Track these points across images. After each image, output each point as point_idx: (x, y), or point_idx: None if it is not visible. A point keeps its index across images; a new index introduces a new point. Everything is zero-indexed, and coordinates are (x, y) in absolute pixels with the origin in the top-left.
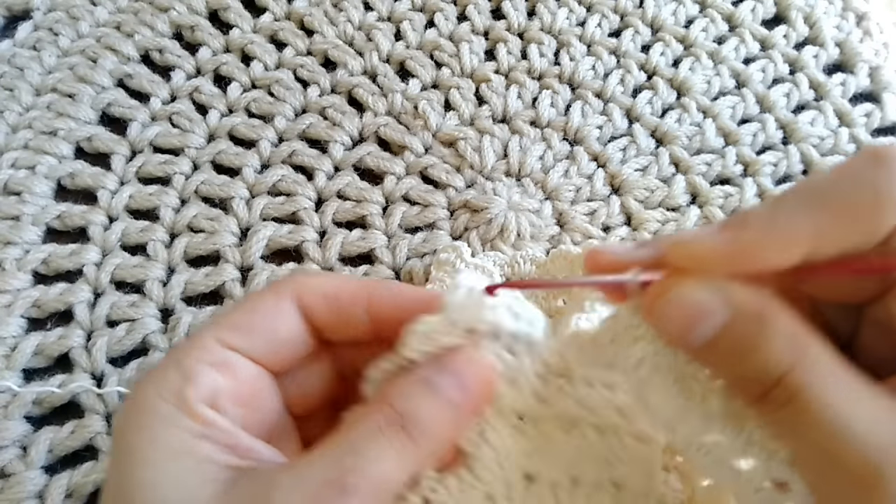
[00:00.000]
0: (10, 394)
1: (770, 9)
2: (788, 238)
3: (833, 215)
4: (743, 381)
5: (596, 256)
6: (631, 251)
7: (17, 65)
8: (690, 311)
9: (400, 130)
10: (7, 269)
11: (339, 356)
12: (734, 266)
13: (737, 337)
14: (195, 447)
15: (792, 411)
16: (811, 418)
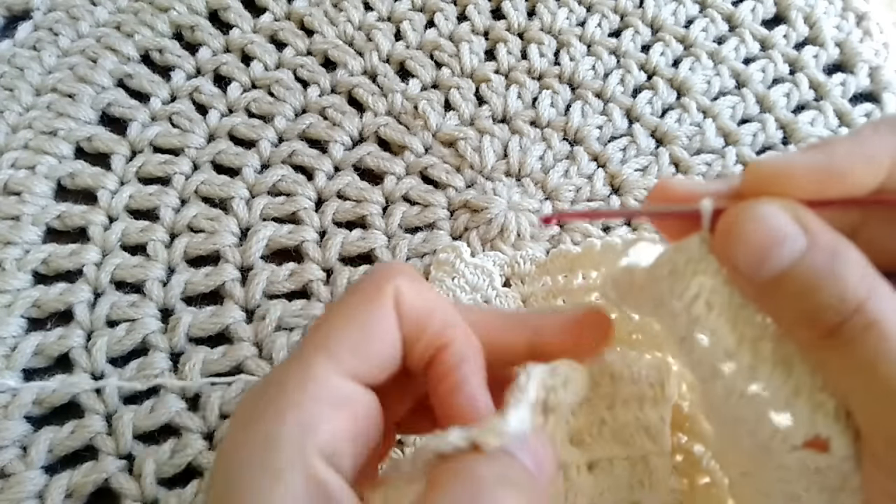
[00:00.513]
0: (11, 394)
1: (770, 9)
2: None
3: None
4: (814, 313)
5: (666, 188)
6: (702, 184)
7: (17, 65)
8: (771, 234)
9: (400, 130)
10: (7, 269)
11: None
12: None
13: (816, 265)
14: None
15: (864, 343)
16: (885, 348)
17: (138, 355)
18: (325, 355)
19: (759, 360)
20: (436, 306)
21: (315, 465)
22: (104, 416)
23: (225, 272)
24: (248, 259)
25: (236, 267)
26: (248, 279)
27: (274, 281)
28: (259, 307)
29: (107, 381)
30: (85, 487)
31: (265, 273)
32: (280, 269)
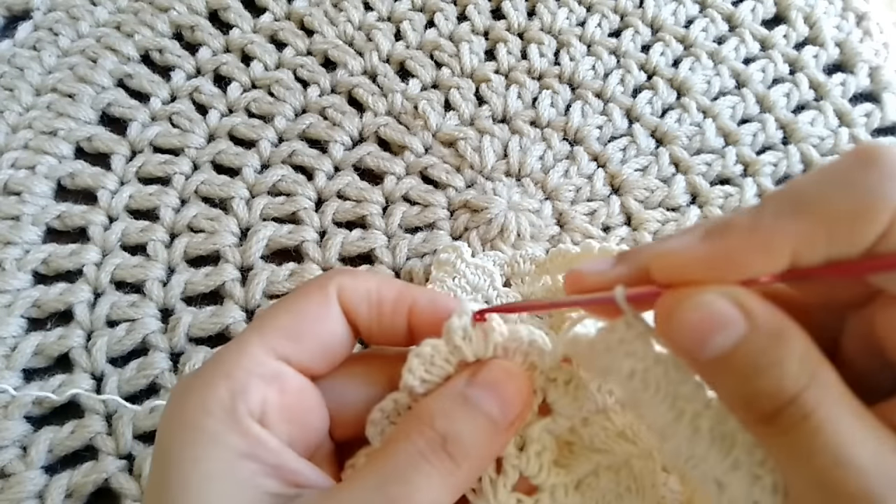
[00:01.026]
0: (10, 395)
1: (770, 9)
2: (772, 245)
3: (819, 221)
4: (752, 398)
5: (576, 279)
6: (609, 269)
7: (17, 65)
8: (710, 320)
9: (400, 130)
10: (7, 269)
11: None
12: (718, 275)
13: (755, 351)
14: (239, 469)
15: (799, 433)
16: (819, 442)
17: (138, 355)
18: (259, 336)
19: (698, 437)
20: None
21: (248, 423)
22: (104, 416)
23: (225, 272)
24: (248, 259)
25: (236, 267)
26: (248, 279)
27: (274, 281)
28: (259, 307)
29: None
30: (85, 487)
31: (265, 273)
32: (280, 269)
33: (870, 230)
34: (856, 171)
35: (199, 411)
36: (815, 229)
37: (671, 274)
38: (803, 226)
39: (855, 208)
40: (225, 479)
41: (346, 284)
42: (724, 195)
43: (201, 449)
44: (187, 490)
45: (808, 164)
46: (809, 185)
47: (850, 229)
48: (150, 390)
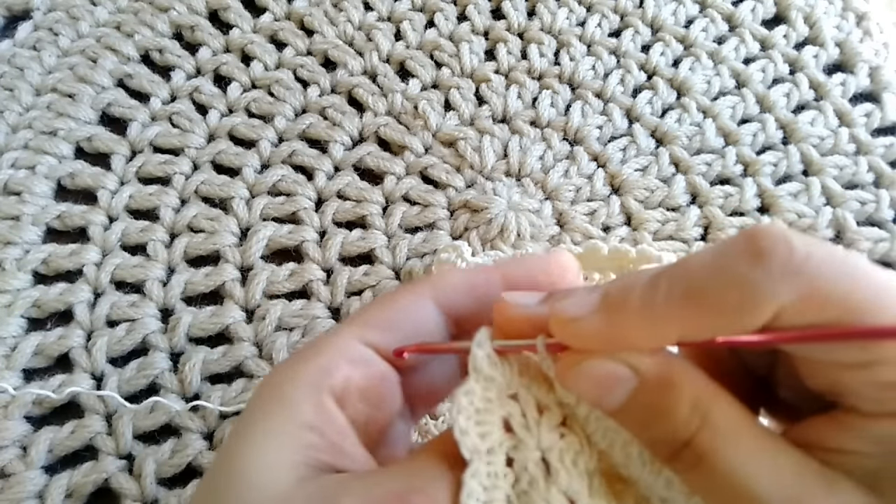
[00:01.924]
0: (10, 394)
1: (770, 9)
2: (661, 327)
3: (705, 310)
4: (654, 442)
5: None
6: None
7: (17, 65)
8: (600, 381)
9: (400, 130)
10: (7, 269)
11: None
12: (612, 348)
13: (645, 402)
14: (301, 435)
15: (701, 472)
16: (718, 479)
17: (138, 355)
18: (351, 325)
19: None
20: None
21: (325, 399)
22: (104, 416)
23: (225, 272)
24: (248, 259)
25: (236, 267)
26: (248, 279)
27: (274, 281)
28: (259, 307)
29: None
30: (85, 487)
31: (265, 273)
32: (280, 269)
33: (751, 322)
34: (744, 265)
35: (286, 380)
36: (701, 316)
37: (569, 341)
38: (690, 312)
39: (739, 303)
40: (285, 440)
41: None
42: (724, 195)
43: (276, 409)
44: (249, 439)
45: (808, 164)
46: (699, 270)
47: (733, 320)
48: (150, 390)
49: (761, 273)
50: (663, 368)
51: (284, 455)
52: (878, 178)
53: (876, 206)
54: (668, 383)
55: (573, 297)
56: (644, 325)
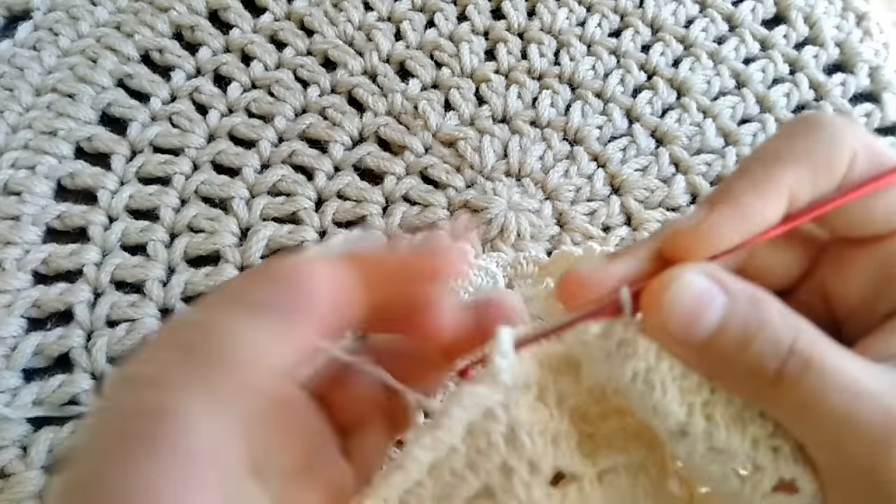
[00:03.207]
0: (10, 394)
1: (770, 9)
2: (773, 190)
3: (804, 165)
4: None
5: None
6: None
7: (17, 65)
8: (695, 299)
9: (400, 130)
10: (7, 269)
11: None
12: (742, 228)
13: (742, 318)
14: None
15: (808, 382)
16: (828, 382)
17: None
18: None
19: (713, 426)
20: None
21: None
22: None
23: (225, 272)
24: (248, 259)
25: (236, 267)
26: None
27: None
28: None
29: None
30: None
31: None
32: None
33: (841, 166)
34: (818, 128)
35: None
36: (806, 172)
37: (692, 245)
38: (797, 169)
39: (829, 152)
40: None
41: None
42: None
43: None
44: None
45: None
46: (780, 142)
47: (828, 168)
48: None
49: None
50: (745, 282)
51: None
52: None
53: None
54: (755, 296)
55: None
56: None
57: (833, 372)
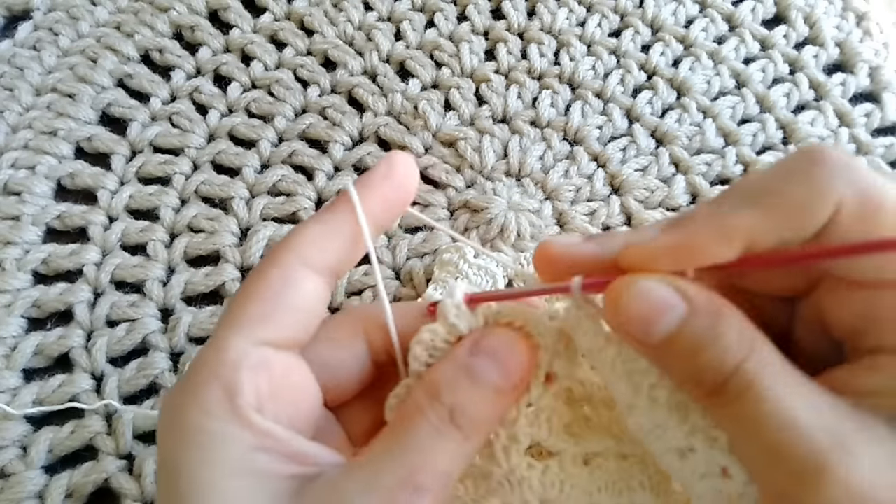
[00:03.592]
0: (11, 394)
1: (770, 9)
2: (729, 232)
3: (772, 210)
4: (699, 374)
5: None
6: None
7: (17, 65)
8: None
9: (400, 130)
10: (7, 269)
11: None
12: (682, 261)
13: (696, 330)
14: (253, 462)
15: (744, 403)
16: (763, 409)
17: (138, 355)
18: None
19: (656, 407)
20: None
21: (251, 416)
22: (104, 416)
23: (225, 272)
24: (248, 259)
25: (236, 267)
26: None
27: None
28: None
29: (103, 401)
30: (85, 487)
31: None
32: None
33: (817, 218)
34: (805, 167)
35: (199, 415)
36: (769, 217)
37: (636, 263)
38: (758, 213)
39: (804, 199)
40: (242, 474)
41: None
42: None
43: (211, 451)
44: (204, 491)
45: None
46: (763, 178)
47: (800, 217)
48: (150, 390)
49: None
50: (712, 296)
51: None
52: None
53: None
54: (717, 310)
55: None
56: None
57: (772, 400)
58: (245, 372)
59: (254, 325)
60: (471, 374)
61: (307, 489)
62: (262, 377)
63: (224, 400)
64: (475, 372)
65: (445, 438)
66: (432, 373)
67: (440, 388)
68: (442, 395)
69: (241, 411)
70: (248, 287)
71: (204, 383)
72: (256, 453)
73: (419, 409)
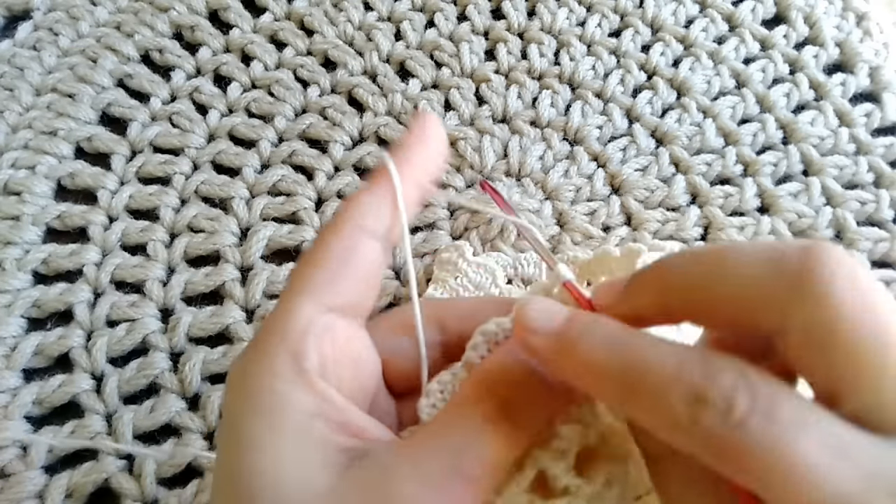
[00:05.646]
0: (10, 394)
1: (770, 9)
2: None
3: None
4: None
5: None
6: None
7: (17, 65)
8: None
9: (400, 130)
10: (7, 269)
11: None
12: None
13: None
14: (312, 428)
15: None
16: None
17: (138, 355)
18: (301, 294)
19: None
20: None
21: (315, 381)
22: (104, 416)
23: (225, 272)
24: (248, 259)
25: (236, 267)
26: (248, 279)
27: (274, 281)
28: (259, 307)
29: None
30: (85, 487)
31: (265, 273)
32: (280, 268)
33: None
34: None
35: (268, 377)
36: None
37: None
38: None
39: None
40: (299, 438)
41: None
42: (724, 195)
43: (274, 413)
44: (264, 453)
45: (808, 164)
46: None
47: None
48: (150, 390)
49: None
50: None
51: (307, 456)
52: (878, 178)
53: (876, 206)
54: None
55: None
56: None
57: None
58: (312, 337)
59: (319, 290)
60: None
61: (356, 465)
62: (326, 342)
63: (292, 364)
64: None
65: (496, 430)
66: (487, 365)
67: (496, 381)
68: (497, 387)
69: (306, 375)
70: (311, 256)
71: (273, 348)
72: (315, 419)
73: (472, 399)
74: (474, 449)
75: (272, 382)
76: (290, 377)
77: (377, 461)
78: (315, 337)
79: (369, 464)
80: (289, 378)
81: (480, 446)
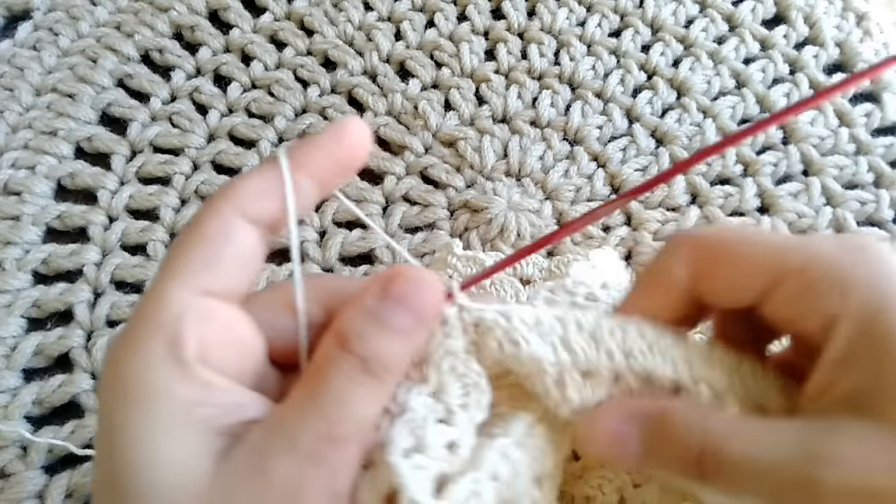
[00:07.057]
0: (10, 394)
1: (770, 9)
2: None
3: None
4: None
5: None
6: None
7: (17, 65)
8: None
9: (400, 130)
10: (7, 269)
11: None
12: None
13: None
14: (191, 415)
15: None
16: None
17: None
18: (175, 278)
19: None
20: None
21: (193, 369)
22: None
23: None
24: None
25: None
26: None
27: (274, 281)
28: None
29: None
30: (85, 487)
31: (265, 273)
32: (280, 268)
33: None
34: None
35: (140, 369)
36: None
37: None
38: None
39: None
40: (176, 429)
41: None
42: (724, 195)
43: (149, 406)
44: (139, 447)
45: (808, 164)
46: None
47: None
48: None
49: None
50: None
51: (184, 447)
52: (878, 178)
53: (876, 206)
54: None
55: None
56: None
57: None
58: (188, 322)
59: (195, 273)
60: (381, 321)
61: (234, 450)
62: (205, 327)
63: (167, 353)
64: (385, 319)
65: (361, 387)
66: (341, 323)
67: (351, 339)
68: (353, 346)
69: (184, 364)
70: (187, 236)
71: (145, 336)
72: (195, 407)
73: (331, 361)
74: (341, 411)
75: (145, 374)
76: (166, 366)
77: (252, 444)
78: (192, 322)
79: (245, 446)
80: (164, 368)
81: (348, 407)
